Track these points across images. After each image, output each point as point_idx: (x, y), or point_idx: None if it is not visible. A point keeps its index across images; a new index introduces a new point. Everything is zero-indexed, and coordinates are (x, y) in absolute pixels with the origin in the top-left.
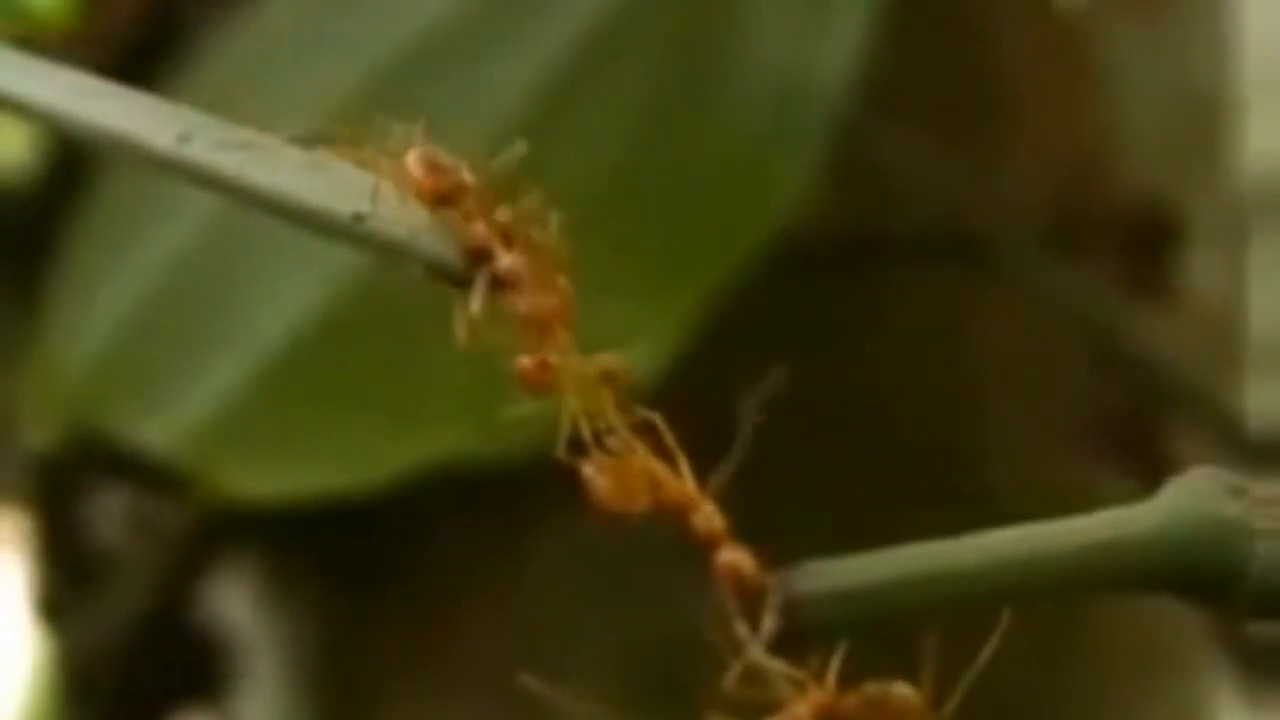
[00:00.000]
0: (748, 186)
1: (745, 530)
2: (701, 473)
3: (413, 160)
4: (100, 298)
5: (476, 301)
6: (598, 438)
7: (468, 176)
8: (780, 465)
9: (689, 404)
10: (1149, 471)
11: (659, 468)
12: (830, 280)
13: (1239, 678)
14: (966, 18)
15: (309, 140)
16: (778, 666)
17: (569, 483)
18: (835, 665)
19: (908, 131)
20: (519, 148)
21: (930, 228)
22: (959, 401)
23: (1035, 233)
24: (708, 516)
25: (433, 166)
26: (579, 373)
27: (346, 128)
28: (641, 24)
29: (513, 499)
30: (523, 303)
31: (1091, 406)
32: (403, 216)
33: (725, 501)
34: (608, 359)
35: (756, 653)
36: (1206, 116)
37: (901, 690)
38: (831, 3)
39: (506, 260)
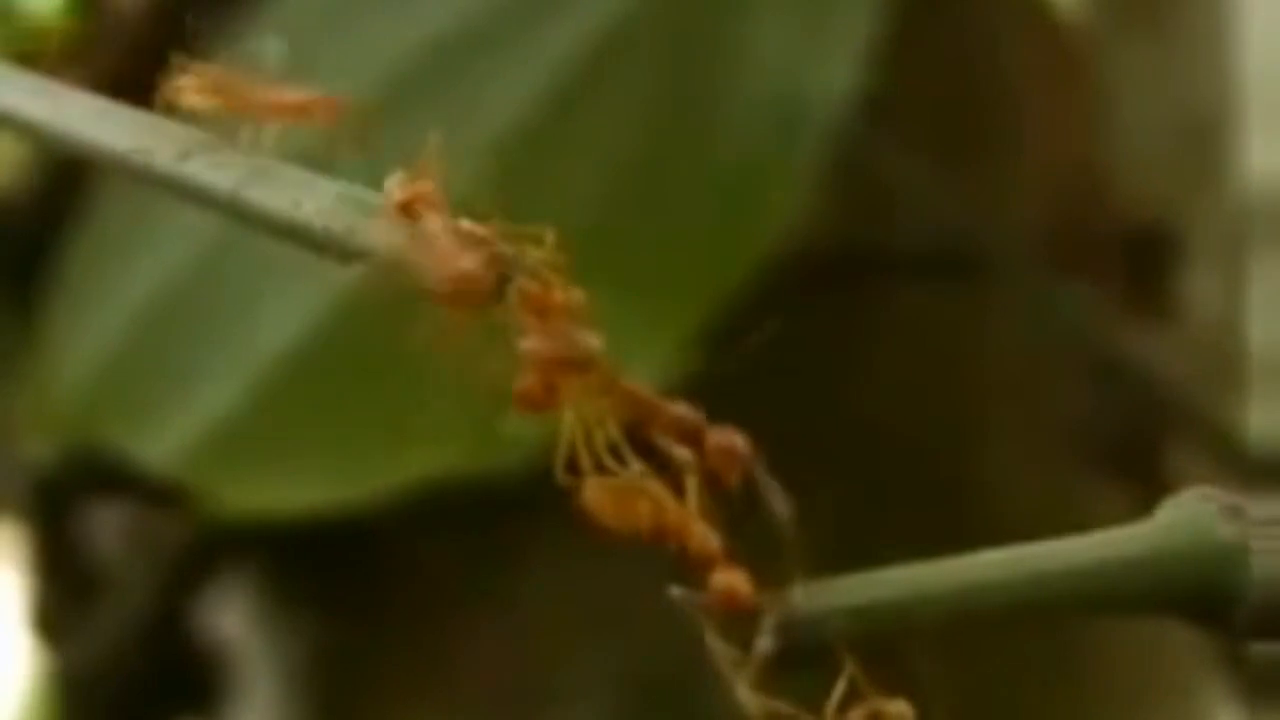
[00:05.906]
0: (747, 203)
1: (744, 546)
2: (701, 490)
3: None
4: (99, 312)
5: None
6: (597, 457)
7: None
8: (778, 481)
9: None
10: (1147, 488)
11: (658, 488)
12: (829, 297)
13: (1240, 697)
14: (967, 36)
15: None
16: (774, 688)
17: (565, 500)
18: (833, 686)
19: (908, 149)
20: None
21: (930, 245)
22: (958, 418)
23: (1035, 250)
24: (703, 538)
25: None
26: (579, 392)
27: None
28: (643, 40)
29: (509, 515)
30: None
31: (1090, 424)
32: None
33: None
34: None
35: (752, 674)
36: (1206, 135)
37: (901, 710)
38: (832, 20)
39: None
